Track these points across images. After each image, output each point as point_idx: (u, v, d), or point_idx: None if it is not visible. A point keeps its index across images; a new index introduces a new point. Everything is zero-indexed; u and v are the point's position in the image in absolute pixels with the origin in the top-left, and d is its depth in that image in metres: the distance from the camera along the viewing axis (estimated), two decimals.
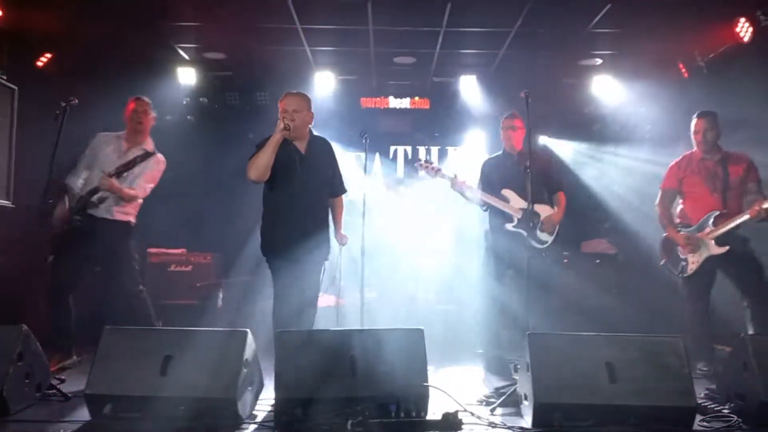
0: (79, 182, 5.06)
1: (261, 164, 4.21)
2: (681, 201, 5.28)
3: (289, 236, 4.32)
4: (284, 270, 4.31)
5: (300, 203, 4.35)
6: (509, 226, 5.17)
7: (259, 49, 7.25)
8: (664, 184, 5.33)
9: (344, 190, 4.71)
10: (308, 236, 4.34)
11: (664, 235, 5.29)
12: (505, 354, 5.06)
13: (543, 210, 5.23)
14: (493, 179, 5.36)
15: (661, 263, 5.34)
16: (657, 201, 5.35)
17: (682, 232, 5.11)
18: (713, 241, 4.91)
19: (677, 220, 5.25)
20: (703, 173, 5.10)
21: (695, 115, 5.14)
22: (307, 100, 4.47)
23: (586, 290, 6.53)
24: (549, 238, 5.21)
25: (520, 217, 5.12)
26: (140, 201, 5.17)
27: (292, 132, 4.25)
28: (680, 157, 5.29)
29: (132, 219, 5.16)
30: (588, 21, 6.24)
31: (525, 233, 4.82)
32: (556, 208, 5.30)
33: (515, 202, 5.19)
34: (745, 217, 4.75)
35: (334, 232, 4.69)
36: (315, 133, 4.61)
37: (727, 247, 4.85)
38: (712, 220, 4.95)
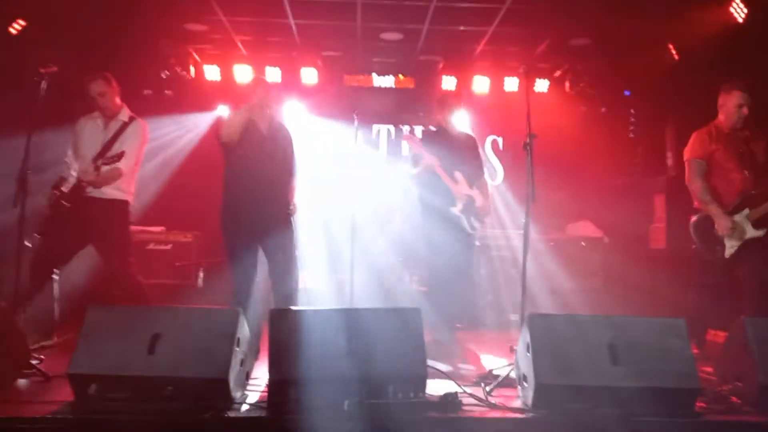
0: (72, 173, 4.90)
1: (234, 122, 4.41)
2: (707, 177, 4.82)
3: (247, 212, 4.44)
4: (241, 248, 4.47)
5: (257, 179, 4.48)
6: (455, 210, 5.22)
7: (242, 22, 7.04)
8: (692, 153, 4.84)
9: (295, 175, 4.82)
10: (266, 212, 4.49)
11: (698, 215, 4.85)
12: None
13: (477, 196, 5.31)
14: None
15: (693, 247, 4.92)
16: (688, 175, 4.85)
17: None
18: (751, 224, 4.65)
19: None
20: (731, 149, 4.74)
21: (731, 87, 4.77)
22: (272, 91, 4.72)
23: (572, 273, 6.49)
24: (479, 225, 5.37)
25: (465, 202, 5.23)
26: (134, 176, 5.03)
27: (257, 112, 4.48)
28: (706, 127, 4.88)
29: (126, 196, 4.98)
30: None
31: (464, 218, 5.19)
32: (481, 194, 5.36)
33: (463, 187, 5.27)
34: None
35: None
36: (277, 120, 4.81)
37: (765, 230, 4.60)
38: (748, 201, 4.65)
